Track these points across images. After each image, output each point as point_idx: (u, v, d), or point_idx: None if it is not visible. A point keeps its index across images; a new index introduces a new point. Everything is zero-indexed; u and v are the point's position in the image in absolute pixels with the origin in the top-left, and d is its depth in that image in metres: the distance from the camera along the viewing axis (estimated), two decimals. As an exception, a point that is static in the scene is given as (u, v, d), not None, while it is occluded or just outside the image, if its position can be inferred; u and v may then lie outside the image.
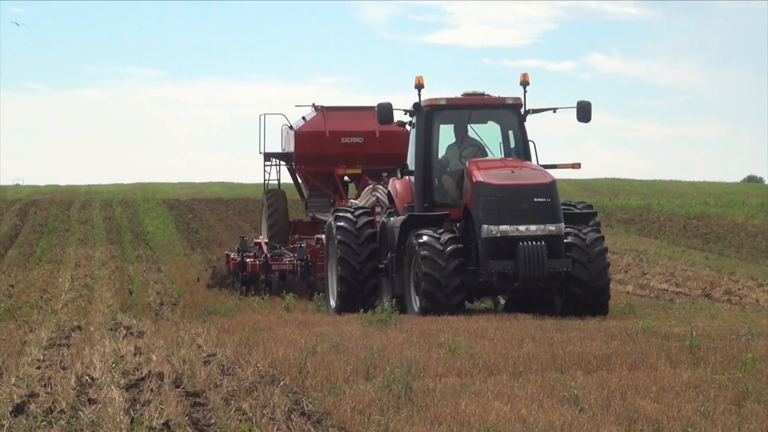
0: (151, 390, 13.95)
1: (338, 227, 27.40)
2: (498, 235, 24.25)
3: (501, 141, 27.24)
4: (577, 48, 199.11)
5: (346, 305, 26.46)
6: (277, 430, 11.56)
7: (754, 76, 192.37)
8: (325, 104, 38.36)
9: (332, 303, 27.70)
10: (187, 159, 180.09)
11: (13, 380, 14.48)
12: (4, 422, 11.86)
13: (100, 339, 18.69)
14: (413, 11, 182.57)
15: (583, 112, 27.08)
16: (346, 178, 38.07)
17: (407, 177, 26.88)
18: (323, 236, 31.44)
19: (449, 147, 27.00)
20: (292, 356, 16.13)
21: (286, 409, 12.68)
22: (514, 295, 26.79)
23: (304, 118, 38.15)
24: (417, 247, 24.49)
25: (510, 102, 27.20)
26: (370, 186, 33.21)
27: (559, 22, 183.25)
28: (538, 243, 24.32)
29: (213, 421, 12.21)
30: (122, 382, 14.49)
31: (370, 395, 13.29)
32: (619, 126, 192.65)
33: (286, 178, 40.74)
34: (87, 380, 14.59)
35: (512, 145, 27.31)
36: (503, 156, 27.09)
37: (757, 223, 56.94)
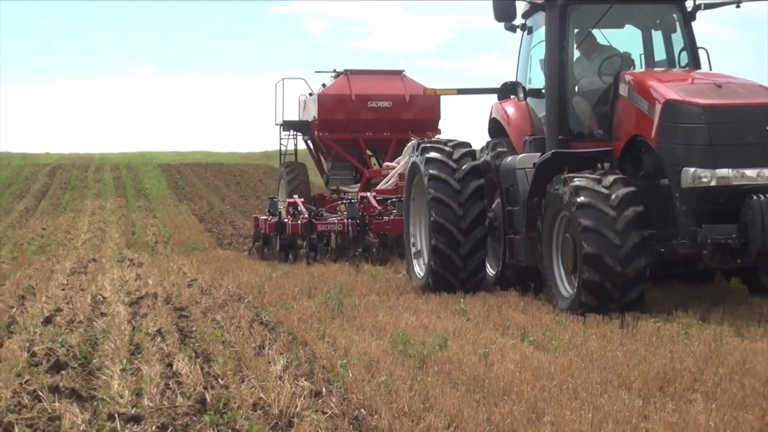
0: (148, 306, 13.93)
1: (430, 176, 15.11)
2: (712, 184, 12.47)
3: (642, 52, 14.97)
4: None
5: (441, 284, 14.97)
6: (242, 335, 11.48)
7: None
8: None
9: (418, 273, 16.06)
10: (176, 132, 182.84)
11: (43, 299, 14.39)
12: (37, 330, 11.70)
13: (110, 268, 18.60)
14: (344, 24, 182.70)
15: None
16: (368, 151, 26.80)
17: (522, 100, 15.11)
18: (368, 194, 22.07)
19: (577, 59, 14.59)
20: (254, 280, 16.12)
21: (249, 319, 12.65)
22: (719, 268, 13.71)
23: (324, 84, 26.74)
24: (572, 199, 12.58)
25: None
26: (413, 142, 20.74)
27: (456, 31, 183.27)
28: None
29: (194, 328, 12.15)
30: (126, 300, 14.44)
31: (312, 309, 13.26)
32: None
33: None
34: (100, 299, 14.54)
35: (671, 55, 14.80)
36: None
37: None
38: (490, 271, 15.74)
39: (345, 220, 20.67)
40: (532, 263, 14.05)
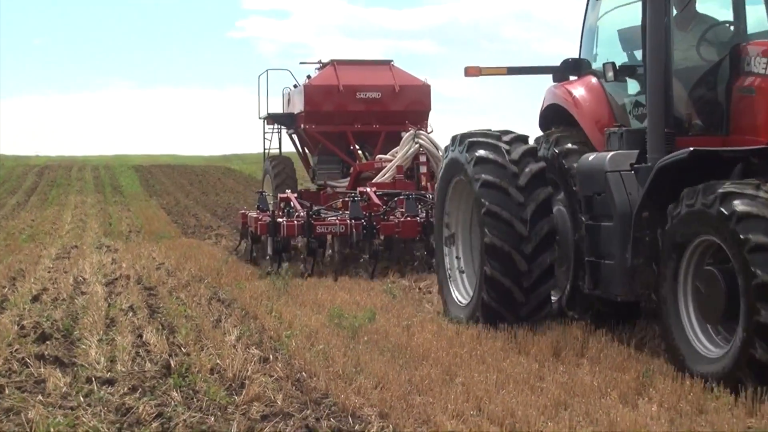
0: (122, 286, 13.79)
1: (484, 183, 10.01)
2: None
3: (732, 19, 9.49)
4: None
5: (494, 319, 9.90)
6: (202, 310, 11.43)
7: None
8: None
9: (458, 299, 10.85)
10: (148, 138, 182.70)
11: (32, 280, 14.20)
12: (26, 306, 11.58)
13: (89, 254, 18.36)
14: (291, 47, 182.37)
15: None
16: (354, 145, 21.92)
17: (612, 80, 9.69)
18: (368, 190, 16.73)
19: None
20: (213, 264, 15.99)
21: (208, 297, 12.57)
22: None
23: (309, 76, 21.88)
24: (734, 219, 7.14)
25: None
26: (411, 132, 18.79)
27: (389, 54, 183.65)
28: None
29: (161, 305, 12.05)
30: (103, 281, 14.28)
31: (262, 288, 13.20)
32: None
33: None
34: (81, 280, 14.37)
35: None
36: None
37: None
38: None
39: (348, 221, 15.14)
40: (631, 298, 9.06)
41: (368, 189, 16.86)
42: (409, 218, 15.18)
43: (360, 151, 22.09)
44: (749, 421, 6.54)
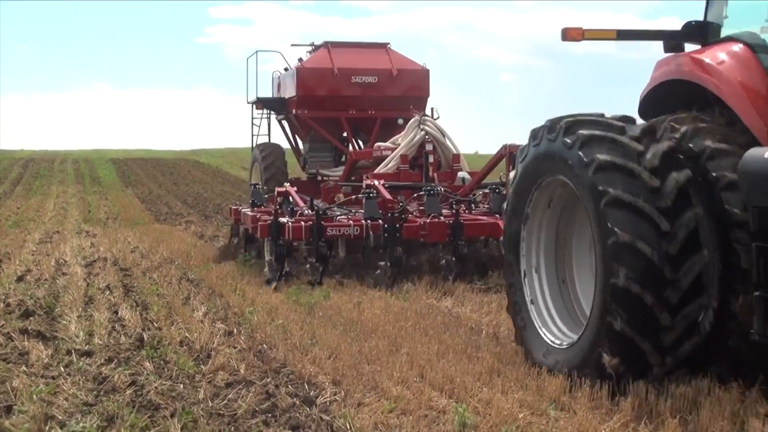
0: (100, 267, 13.63)
1: (613, 201, 5.97)
2: None
3: None
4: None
5: (627, 370, 5.96)
6: (173, 289, 11.34)
7: None
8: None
9: (551, 341, 6.94)
10: (124, 134, 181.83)
11: (17, 262, 13.98)
12: (11, 286, 11.42)
13: (70, 238, 18.12)
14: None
15: None
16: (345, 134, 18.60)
17: (740, 47, 6.53)
18: (376, 183, 13.00)
19: None
20: (183, 248, 15.86)
21: (178, 277, 12.47)
22: None
23: (300, 59, 18.74)
24: None
25: None
26: (416, 117, 15.50)
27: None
28: None
29: (135, 284, 11.93)
30: (83, 262, 14.11)
31: (227, 270, 13.11)
32: None
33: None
34: (62, 262, 14.18)
35: None
36: None
37: None
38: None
39: (362, 221, 11.81)
40: None
41: (377, 182, 13.09)
42: (435, 219, 11.84)
43: (353, 139, 18.74)
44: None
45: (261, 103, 19.66)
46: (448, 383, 6.63)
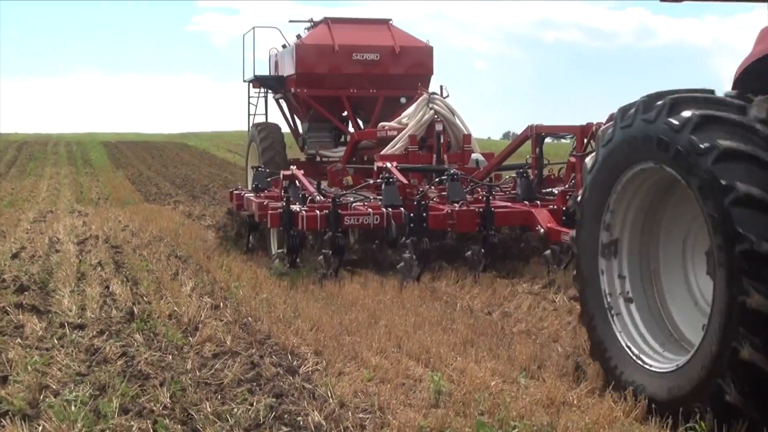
0: (91, 244, 13.56)
1: (740, 200, 4.31)
2: None
3: None
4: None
5: (738, 417, 4.37)
6: (162, 265, 11.31)
7: None
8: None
9: (643, 361, 5.20)
10: (115, 118, 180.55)
11: (12, 240, 13.93)
12: (6, 263, 11.37)
13: (63, 217, 18.02)
14: (240, 39, 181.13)
15: None
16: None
17: None
18: (388, 165, 11.46)
19: None
20: (171, 226, 15.80)
21: (167, 254, 12.43)
22: None
23: (299, 36, 17.07)
24: None
25: None
26: (425, 96, 14.05)
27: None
28: None
29: (126, 261, 11.89)
30: (75, 240, 14.04)
31: (214, 246, 13.11)
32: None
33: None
34: (55, 239, 14.10)
35: None
36: None
37: None
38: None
39: (383, 209, 10.23)
40: None
41: (390, 164, 11.52)
42: (464, 208, 10.27)
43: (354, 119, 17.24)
44: None
45: (258, 81, 17.92)
46: (424, 353, 6.66)
